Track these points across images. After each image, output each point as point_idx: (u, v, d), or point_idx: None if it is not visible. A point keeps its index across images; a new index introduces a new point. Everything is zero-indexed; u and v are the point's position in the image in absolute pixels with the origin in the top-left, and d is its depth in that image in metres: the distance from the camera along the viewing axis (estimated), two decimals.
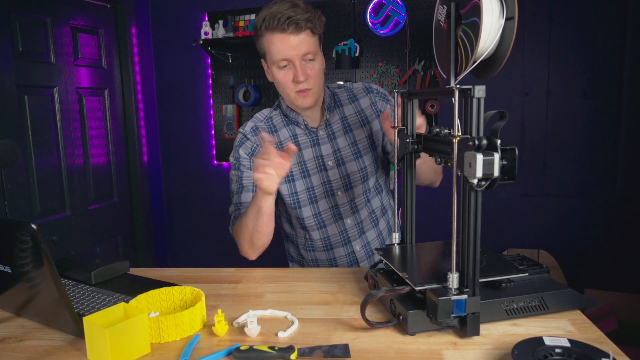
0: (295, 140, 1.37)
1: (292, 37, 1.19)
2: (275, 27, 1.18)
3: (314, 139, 1.37)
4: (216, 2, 2.98)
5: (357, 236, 1.41)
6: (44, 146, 2.37)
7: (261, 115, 1.42)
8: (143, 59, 3.04)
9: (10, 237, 0.87)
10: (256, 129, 1.38)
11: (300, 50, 1.21)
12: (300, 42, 1.20)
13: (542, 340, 0.73)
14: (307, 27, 1.19)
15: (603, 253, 2.61)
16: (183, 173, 3.24)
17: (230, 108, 3.01)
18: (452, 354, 0.80)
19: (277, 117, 1.40)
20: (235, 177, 1.38)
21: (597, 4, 2.49)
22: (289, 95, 1.29)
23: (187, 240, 3.31)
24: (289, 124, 1.38)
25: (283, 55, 1.21)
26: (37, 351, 0.86)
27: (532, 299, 0.91)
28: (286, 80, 1.25)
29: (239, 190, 1.36)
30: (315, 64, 1.25)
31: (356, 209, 1.39)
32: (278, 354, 0.79)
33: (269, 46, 1.22)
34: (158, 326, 0.86)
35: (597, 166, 2.58)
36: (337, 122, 1.38)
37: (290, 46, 1.20)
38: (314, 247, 1.42)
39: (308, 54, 1.22)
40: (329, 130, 1.37)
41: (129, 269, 1.25)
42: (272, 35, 1.20)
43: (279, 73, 1.25)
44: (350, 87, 1.43)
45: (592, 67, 2.54)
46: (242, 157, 1.37)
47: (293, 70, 1.23)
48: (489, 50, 0.85)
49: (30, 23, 2.30)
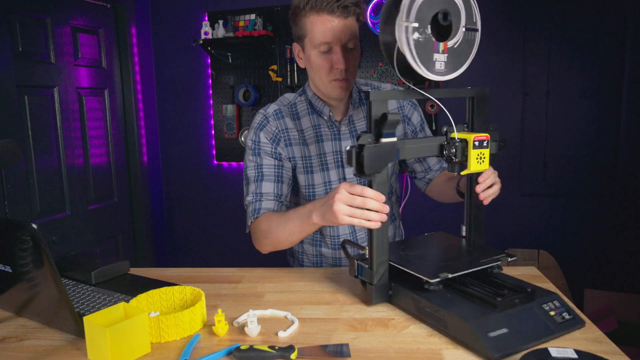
0: (317, 131, 1.31)
1: (339, 21, 1.13)
2: (322, 7, 1.12)
3: (336, 132, 1.31)
4: (216, 2, 2.98)
5: (365, 240, 1.38)
6: (44, 146, 2.37)
7: (285, 99, 1.35)
8: (143, 59, 3.04)
9: (10, 237, 0.87)
10: (279, 112, 1.32)
11: (344, 36, 1.14)
12: (345, 27, 1.14)
13: (548, 352, 0.72)
14: (354, 12, 1.14)
15: (603, 253, 2.61)
16: (183, 173, 3.24)
17: (230, 108, 3.01)
18: (452, 354, 0.80)
19: (302, 104, 1.33)
20: (253, 163, 1.29)
21: (597, 4, 2.49)
22: (323, 82, 1.22)
23: (187, 240, 3.31)
24: (312, 112, 1.32)
25: (327, 38, 1.14)
26: (38, 351, 0.86)
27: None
28: (324, 66, 1.18)
29: (257, 178, 1.28)
30: (355, 53, 1.19)
31: None
32: (278, 353, 0.79)
33: (312, 27, 1.15)
34: (158, 326, 0.86)
35: (597, 166, 2.58)
36: (361, 120, 1.33)
37: (335, 30, 1.13)
38: (321, 242, 1.39)
39: (350, 41, 1.16)
40: (351, 127, 1.32)
41: (129, 268, 1.25)
42: (318, 16, 1.13)
43: (319, 58, 1.18)
44: (378, 86, 1.38)
45: (592, 67, 2.54)
46: (262, 142, 1.29)
47: (334, 56, 1.16)
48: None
49: (30, 23, 2.30)
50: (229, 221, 3.15)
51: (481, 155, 0.96)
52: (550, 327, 0.83)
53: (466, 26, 0.89)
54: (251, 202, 1.27)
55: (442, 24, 0.87)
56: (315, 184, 1.34)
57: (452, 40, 0.90)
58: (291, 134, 1.32)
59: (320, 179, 1.34)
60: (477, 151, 0.95)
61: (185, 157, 3.21)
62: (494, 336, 0.77)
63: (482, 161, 0.97)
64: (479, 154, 0.95)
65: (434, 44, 0.89)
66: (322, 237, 1.39)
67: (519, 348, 0.77)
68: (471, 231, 1.12)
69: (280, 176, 1.29)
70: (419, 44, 0.88)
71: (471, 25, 0.88)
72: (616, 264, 2.59)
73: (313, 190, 1.35)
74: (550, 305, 0.86)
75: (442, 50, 0.90)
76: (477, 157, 0.95)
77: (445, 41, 0.90)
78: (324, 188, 1.35)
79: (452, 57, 0.91)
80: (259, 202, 1.26)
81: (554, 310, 0.85)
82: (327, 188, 1.34)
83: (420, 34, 0.88)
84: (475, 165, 0.96)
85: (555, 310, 0.86)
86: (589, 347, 0.80)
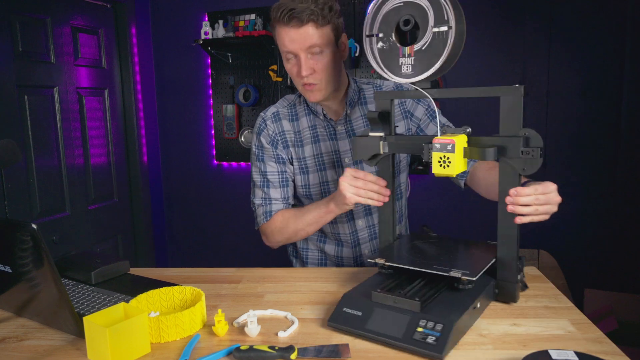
0: (314, 131, 1.34)
1: (294, 31, 1.15)
2: (280, 19, 1.15)
3: (332, 132, 1.33)
4: (216, 2, 2.98)
5: (367, 240, 1.37)
6: (44, 146, 2.37)
7: (286, 100, 1.39)
8: (143, 59, 3.04)
9: (10, 237, 0.87)
10: (277, 115, 1.36)
11: (303, 43, 1.16)
12: (302, 35, 1.15)
13: (548, 355, 0.72)
14: (309, 19, 1.13)
15: (603, 253, 2.61)
16: (183, 173, 3.24)
17: (230, 108, 3.01)
18: (451, 354, 0.80)
19: (300, 105, 1.36)
20: (258, 169, 1.36)
21: (597, 4, 2.49)
22: (298, 87, 1.25)
23: (187, 240, 3.31)
24: (309, 113, 1.34)
25: (287, 47, 1.18)
26: (37, 351, 0.86)
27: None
28: (293, 72, 1.22)
29: (264, 184, 1.35)
30: (322, 57, 1.18)
31: (369, 212, 1.36)
32: (278, 353, 0.79)
33: (278, 38, 1.20)
34: (158, 326, 0.86)
35: (597, 166, 2.58)
36: (358, 119, 1.32)
37: (291, 39, 1.16)
38: (324, 239, 1.42)
39: (313, 47, 1.16)
40: (348, 126, 1.32)
41: (129, 268, 1.25)
42: (279, 27, 1.17)
43: (288, 65, 1.22)
44: (380, 84, 1.37)
45: (592, 67, 2.54)
46: (264, 146, 1.35)
47: (298, 62, 1.19)
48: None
49: (30, 23, 2.30)
50: (229, 221, 3.15)
51: (445, 159, 0.92)
52: (404, 337, 0.81)
53: (435, 26, 0.90)
54: (261, 205, 1.35)
55: (402, 29, 0.94)
56: (311, 184, 1.35)
57: (419, 43, 0.93)
58: (288, 136, 1.35)
59: (317, 179, 1.35)
60: (439, 154, 0.92)
61: (185, 157, 3.21)
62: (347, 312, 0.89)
63: (446, 165, 0.93)
64: (441, 157, 0.92)
65: (399, 50, 0.96)
66: (323, 234, 1.40)
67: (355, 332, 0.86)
68: (500, 243, 0.99)
69: (285, 180, 1.36)
70: (384, 52, 0.98)
71: (441, 25, 0.89)
72: (616, 264, 2.58)
73: (309, 191, 1.36)
74: (428, 324, 0.81)
75: (409, 54, 0.95)
76: (438, 160, 0.93)
77: (411, 45, 0.94)
78: (319, 188, 1.35)
79: (420, 58, 0.94)
80: (269, 205, 1.35)
81: (424, 329, 0.81)
82: (324, 188, 1.35)
83: (384, 42, 0.97)
84: (437, 169, 0.93)
85: (425, 330, 0.81)
86: (589, 347, 0.80)
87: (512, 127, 0.93)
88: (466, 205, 2.67)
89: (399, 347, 0.81)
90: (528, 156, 0.90)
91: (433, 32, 0.91)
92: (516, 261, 0.97)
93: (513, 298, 0.98)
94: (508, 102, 0.93)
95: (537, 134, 0.91)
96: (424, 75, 0.94)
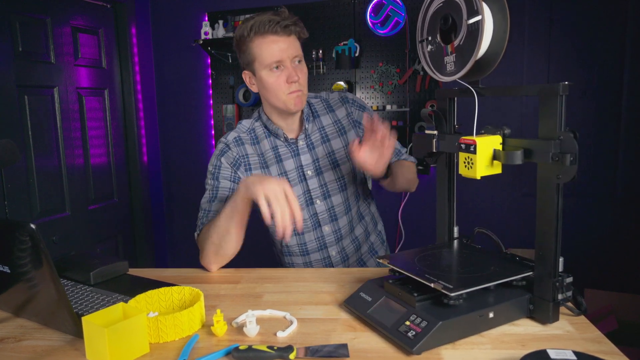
0: (276, 152, 1.37)
1: (283, 39, 1.24)
2: (266, 30, 1.22)
3: (294, 149, 1.37)
4: (216, 2, 2.98)
5: (333, 243, 1.41)
6: (44, 146, 2.37)
7: (243, 126, 1.40)
8: (143, 59, 3.05)
9: (9, 237, 0.87)
10: (239, 139, 1.38)
11: (291, 52, 1.25)
12: (290, 44, 1.25)
13: (546, 354, 0.72)
14: (295, 31, 1.25)
15: (603, 253, 2.61)
16: (183, 173, 3.24)
17: (230, 108, 3.01)
18: (451, 354, 0.80)
19: (259, 129, 1.39)
20: (210, 186, 1.34)
21: (597, 4, 2.49)
22: (279, 99, 1.28)
23: (187, 240, 3.31)
24: (269, 135, 1.38)
25: (276, 57, 1.23)
26: (36, 351, 0.86)
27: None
28: (279, 82, 1.26)
29: (211, 199, 1.33)
30: (302, 67, 1.29)
31: (335, 217, 1.40)
32: (277, 353, 0.79)
33: (259, 51, 1.24)
34: (157, 326, 0.86)
35: (597, 166, 2.58)
36: (316, 132, 1.39)
37: (281, 48, 1.23)
38: (290, 252, 1.43)
39: (297, 56, 1.26)
40: (308, 141, 1.38)
41: (128, 269, 1.25)
42: (263, 39, 1.23)
43: (271, 76, 1.26)
44: (327, 97, 1.44)
45: (592, 67, 2.53)
46: (223, 166, 1.34)
47: (286, 71, 1.25)
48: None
49: (30, 23, 2.30)
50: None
51: (468, 160, 0.88)
52: (392, 327, 0.84)
53: (468, 18, 0.88)
54: (200, 217, 1.33)
55: (443, 29, 0.93)
56: None
57: (457, 39, 0.91)
58: (251, 159, 1.37)
59: None
60: (465, 155, 0.89)
61: (185, 157, 3.22)
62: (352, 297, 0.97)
63: (470, 166, 0.88)
64: (466, 158, 0.89)
65: (443, 49, 0.95)
66: (288, 248, 1.42)
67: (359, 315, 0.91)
68: (537, 257, 0.95)
69: None
70: (432, 54, 0.98)
71: (472, 16, 0.88)
72: (616, 264, 2.58)
73: None
74: (416, 320, 0.82)
75: (450, 52, 0.93)
76: (464, 160, 0.90)
77: (451, 42, 0.92)
78: None
79: (459, 55, 0.92)
80: (205, 218, 1.31)
81: (411, 323, 0.82)
82: None
83: (432, 45, 0.97)
84: (463, 169, 0.91)
85: (412, 324, 0.82)
86: (588, 347, 0.80)
87: (549, 129, 0.83)
88: (466, 205, 2.67)
89: (385, 335, 0.86)
90: (558, 162, 0.81)
91: (467, 25, 0.89)
92: (553, 278, 0.88)
93: (547, 318, 0.88)
94: (544, 102, 0.85)
95: (571, 137, 0.80)
96: (462, 71, 0.90)
